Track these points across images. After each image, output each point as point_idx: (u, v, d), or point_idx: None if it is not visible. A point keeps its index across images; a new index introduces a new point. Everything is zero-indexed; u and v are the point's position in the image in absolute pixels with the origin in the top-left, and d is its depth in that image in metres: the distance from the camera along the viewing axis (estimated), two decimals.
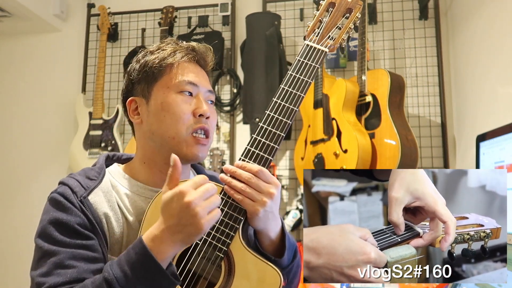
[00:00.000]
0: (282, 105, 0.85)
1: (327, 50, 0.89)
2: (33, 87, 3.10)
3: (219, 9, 2.79)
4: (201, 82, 0.94)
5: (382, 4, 2.65)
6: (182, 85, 0.91)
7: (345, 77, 2.59)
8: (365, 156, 2.13)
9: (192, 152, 0.90)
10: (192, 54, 0.95)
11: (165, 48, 0.95)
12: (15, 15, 2.82)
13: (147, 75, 0.93)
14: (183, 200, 0.72)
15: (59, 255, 0.79)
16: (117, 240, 0.88)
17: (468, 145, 2.26)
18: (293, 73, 0.87)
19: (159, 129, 0.91)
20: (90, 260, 0.81)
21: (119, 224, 0.88)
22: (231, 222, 0.82)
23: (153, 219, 0.83)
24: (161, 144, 0.91)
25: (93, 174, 0.92)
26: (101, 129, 2.72)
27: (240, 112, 2.74)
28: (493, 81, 1.97)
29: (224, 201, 0.83)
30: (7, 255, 2.93)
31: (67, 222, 0.82)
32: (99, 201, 0.88)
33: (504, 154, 1.06)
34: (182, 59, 0.94)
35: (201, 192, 0.73)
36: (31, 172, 3.00)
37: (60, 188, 0.87)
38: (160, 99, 0.91)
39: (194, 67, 0.95)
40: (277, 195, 0.82)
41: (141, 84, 0.94)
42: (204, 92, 0.94)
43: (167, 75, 0.92)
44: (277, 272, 0.79)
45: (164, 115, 0.90)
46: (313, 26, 0.91)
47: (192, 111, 0.91)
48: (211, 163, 2.61)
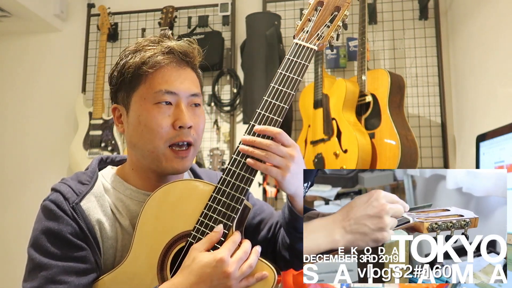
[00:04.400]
0: (273, 103, 0.85)
1: (316, 48, 0.89)
2: (33, 87, 3.10)
3: (219, 9, 2.80)
4: (181, 87, 0.88)
5: (382, 4, 2.65)
6: (159, 96, 0.87)
7: (345, 77, 2.59)
8: (365, 156, 2.13)
9: (171, 166, 0.88)
10: (169, 57, 0.89)
11: (143, 51, 0.89)
12: (15, 15, 2.82)
13: (124, 83, 0.89)
14: (222, 269, 0.75)
15: (51, 270, 0.79)
16: (111, 245, 0.87)
17: (468, 145, 2.26)
18: (283, 71, 0.87)
19: (138, 142, 0.89)
20: (81, 273, 0.81)
21: (112, 228, 0.88)
22: (224, 220, 0.82)
23: (147, 223, 0.85)
24: (142, 156, 0.90)
25: (85, 178, 0.91)
26: (101, 129, 2.72)
27: (240, 112, 2.74)
28: (493, 80, 1.97)
29: (218, 199, 0.83)
30: (7, 255, 2.93)
31: (58, 232, 0.82)
32: (91, 206, 0.87)
33: (504, 154, 1.06)
34: (159, 64, 0.87)
35: (238, 260, 0.76)
36: (31, 172, 3.00)
37: (52, 195, 0.86)
38: (137, 112, 0.88)
39: (175, 70, 0.89)
40: (298, 156, 0.82)
41: (121, 92, 0.91)
42: (186, 98, 0.89)
43: (143, 84, 0.88)
44: (272, 269, 0.80)
45: (142, 129, 0.87)
46: (302, 24, 0.91)
47: (171, 123, 0.87)
48: (211, 163, 2.61)
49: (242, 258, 0.77)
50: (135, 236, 0.85)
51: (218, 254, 0.76)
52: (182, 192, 0.86)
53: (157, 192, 0.86)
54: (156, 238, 0.84)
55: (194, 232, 0.82)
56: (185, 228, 0.84)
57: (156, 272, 0.83)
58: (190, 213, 0.84)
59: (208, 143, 2.76)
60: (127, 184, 0.93)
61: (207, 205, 0.83)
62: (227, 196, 0.83)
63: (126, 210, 0.90)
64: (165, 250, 0.84)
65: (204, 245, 0.79)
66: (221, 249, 0.77)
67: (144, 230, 0.85)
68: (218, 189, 0.83)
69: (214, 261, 0.75)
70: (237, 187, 0.82)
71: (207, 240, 0.80)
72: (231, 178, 0.83)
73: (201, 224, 0.82)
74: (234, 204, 0.82)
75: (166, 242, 0.84)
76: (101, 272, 0.86)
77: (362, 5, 2.35)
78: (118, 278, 0.84)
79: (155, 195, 0.86)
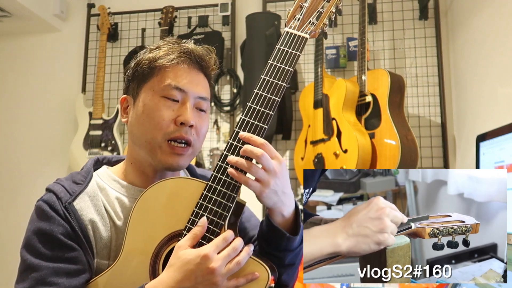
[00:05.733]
0: (263, 96, 0.82)
1: (308, 36, 0.85)
2: (33, 87, 3.10)
3: (219, 9, 2.80)
4: (191, 87, 0.89)
5: (382, 4, 2.65)
6: (167, 90, 0.88)
7: (345, 77, 2.59)
8: (365, 156, 2.13)
9: (165, 160, 0.87)
10: (184, 56, 0.90)
11: (162, 48, 0.92)
12: (15, 15, 2.82)
13: (138, 74, 0.91)
14: (206, 266, 0.73)
15: (41, 271, 0.79)
16: (106, 245, 0.87)
17: (468, 145, 2.26)
18: (273, 62, 0.84)
19: (138, 132, 0.90)
20: (72, 274, 0.81)
21: (106, 228, 0.87)
22: (216, 218, 0.80)
23: (139, 220, 0.83)
24: (139, 146, 0.91)
25: (80, 178, 0.91)
26: (101, 129, 2.72)
27: (240, 112, 2.74)
28: (493, 81, 1.97)
29: (209, 197, 0.81)
30: (7, 256, 2.93)
31: (50, 232, 0.82)
32: (84, 206, 0.87)
33: (504, 154, 1.06)
34: (174, 61, 0.89)
35: (225, 257, 0.75)
36: (31, 172, 3.00)
37: (46, 196, 0.86)
38: (144, 101, 0.89)
39: (188, 71, 0.90)
40: (281, 171, 0.79)
41: (133, 83, 0.93)
42: (194, 98, 0.89)
43: (156, 77, 0.89)
44: (265, 269, 0.78)
45: (144, 118, 0.88)
46: (293, 11, 0.87)
47: (174, 117, 0.87)
48: (211, 163, 2.61)
49: (230, 255, 0.75)
50: (127, 237, 0.84)
51: (202, 250, 0.74)
52: (173, 191, 0.84)
53: (148, 191, 0.85)
54: (147, 238, 0.83)
55: (186, 232, 0.81)
56: (177, 227, 0.82)
57: (149, 273, 0.82)
58: (181, 211, 0.83)
59: (208, 143, 2.76)
60: (123, 182, 0.93)
61: (198, 204, 0.82)
62: (218, 194, 0.81)
63: (121, 208, 0.90)
64: (157, 250, 0.83)
65: (188, 241, 0.78)
66: (207, 246, 0.75)
67: (135, 230, 0.84)
68: (209, 186, 0.81)
69: (198, 257, 0.74)
70: (228, 184, 0.81)
71: (191, 236, 0.78)
72: (222, 175, 0.81)
73: (192, 223, 0.81)
74: (226, 202, 0.80)
75: (158, 242, 0.83)
76: (94, 272, 0.85)
77: (362, 5, 2.35)
78: (111, 279, 0.83)
79: (146, 194, 0.85)
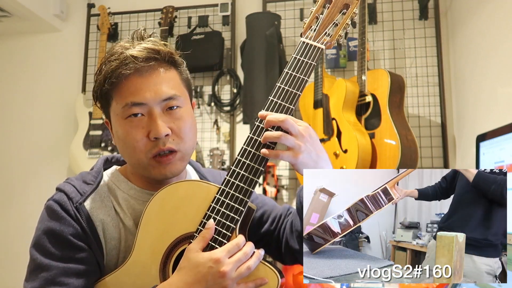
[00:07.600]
0: (278, 103, 0.84)
1: (323, 47, 0.87)
2: (33, 87, 3.10)
3: (219, 9, 2.79)
4: (150, 96, 0.84)
5: (382, 4, 2.65)
6: (128, 110, 0.84)
7: (345, 77, 2.59)
8: (365, 156, 2.13)
9: (159, 173, 0.87)
10: (130, 66, 0.83)
11: (107, 64, 0.86)
12: (15, 15, 2.82)
13: (101, 99, 0.89)
14: (218, 269, 0.74)
15: (51, 271, 0.80)
16: (115, 246, 0.87)
17: (468, 145, 2.26)
18: (289, 71, 0.85)
19: (124, 155, 0.91)
20: (81, 274, 0.81)
21: (116, 229, 0.88)
22: (227, 222, 0.81)
23: (150, 224, 0.84)
24: (132, 166, 0.92)
25: (90, 178, 0.91)
26: (101, 129, 2.72)
27: (240, 112, 2.74)
28: (493, 81, 1.97)
29: (221, 201, 0.82)
30: (7, 256, 2.93)
31: (60, 232, 0.82)
32: (95, 207, 0.87)
33: (504, 154, 1.06)
34: (121, 76, 0.83)
35: (236, 261, 0.75)
36: (31, 172, 3.00)
37: (56, 195, 0.86)
38: (115, 129, 0.89)
39: (138, 79, 0.84)
40: (309, 134, 0.82)
41: (102, 108, 0.92)
42: (158, 104, 0.84)
43: (113, 100, 0.86)
44: (275, 273, 0.79)
45: (122, 145, 0.88)
46: (310, 22, 0.89)
47: (146, 134, 0.84)
48: (211, 163, 2.61)
49: (241, 259, 0.76)
50: (138, 237, 0.84)
51: (214, 254, 0.75)
52: (185, 193, 0.85)
53: (160, 192, 0.85)
54: (158, 239, 0.84)
55: (197, 234, 0.81)
56: (188, 230, 0.83)
57: (158, 274, 0.83)
58: (193, 214, 0.83)
59: (208, 143, 2.76)
60: (130, 184, 0.93)
61: (211, 207, 0.82)
62: (230, 198, 0.81)
63: (131, 210, 0.90)
64: (167, 251, 0.83)
65: (199, 244, 0.78)
66: (219, 250, 0.76)
67: (146, 231, 0.84)
68: (222, 190, 0.82)
69: (210, 261, 0.74)
70: (241, 188, 0.81)
71: (200, 238, 0.79)
72: (235, 179, 0.82)
73: (203, 226, 0.81)
74: (238, 206, 0.81)
75: (169, 244, 0.83)
76: (103, 273, 0.85)
77: (362, 5, 2.35)
78: (120, 278, 0.84)
79: (158, 195, 0.85)
